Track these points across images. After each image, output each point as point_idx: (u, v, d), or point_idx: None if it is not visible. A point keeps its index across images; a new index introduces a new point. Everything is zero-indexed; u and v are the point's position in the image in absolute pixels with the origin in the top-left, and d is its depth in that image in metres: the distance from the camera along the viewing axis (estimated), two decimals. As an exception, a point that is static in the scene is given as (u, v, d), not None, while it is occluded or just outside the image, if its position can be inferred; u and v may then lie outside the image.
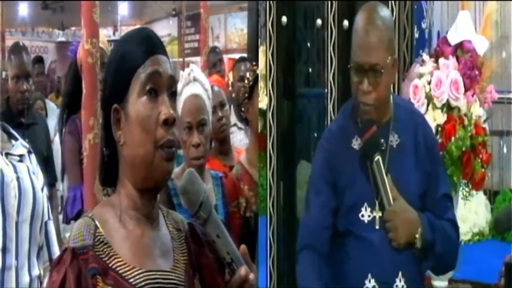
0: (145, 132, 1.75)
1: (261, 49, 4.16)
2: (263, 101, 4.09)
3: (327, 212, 2.78)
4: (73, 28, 18.68)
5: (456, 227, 2.83)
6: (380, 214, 2.71)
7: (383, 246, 2.70)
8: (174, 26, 16.62)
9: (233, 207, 3.31)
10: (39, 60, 8.29)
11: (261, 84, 4.09)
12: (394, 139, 2.78)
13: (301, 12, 4.08)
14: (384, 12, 2.74)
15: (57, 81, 10.18)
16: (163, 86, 1.78)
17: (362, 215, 2.73)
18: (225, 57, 12.65)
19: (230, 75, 9.45)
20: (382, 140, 2.74)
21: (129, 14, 18.25)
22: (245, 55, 9.06)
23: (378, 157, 2.69)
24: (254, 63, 3.69)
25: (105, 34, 3.64)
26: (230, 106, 4.73)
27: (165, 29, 16.75)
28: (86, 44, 3.72)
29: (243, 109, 3.58)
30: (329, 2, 3.83)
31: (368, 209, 2.73)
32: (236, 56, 11.00)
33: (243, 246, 1.82)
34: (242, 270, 1.76)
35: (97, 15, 3.73)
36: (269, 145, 3.98)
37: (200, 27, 8.08)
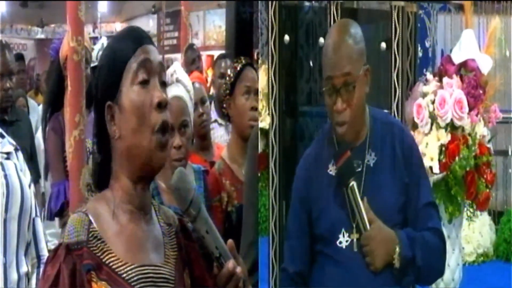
0: (141, 119, 1.80)
1: (263, 68, 4.13)
2: (265, 120, 4.07)
3: (304, 243, 2.78)
4: (52, 25, 18.57)
5: (439, 234, 2.77)
6: (357, 236, 2.67)
7: (362, 269, 2.66)
8: (153, 23, 16.61)
9: (215, 201, 3.37)
10: (19, 57, 8.26)
11: (263, 102, 4.05)
12: (370, 158, 2.73)
13: (303, 30, 4.05)
14: (354, 27, 2.73)
15: (36, 78, 10.15)
16: (154, 73, 1.83)
17: (340, 242, 2.68)
18: (204, 54, 12.67)
19: (209, 72, 9.46)
20: (360, 162, 2.71)
21: (108, 11, 18.15)
22: (223, 51, 9.08)
23: (353, 183, 2.65)
24: (235, 59, 3.70)
25: (85, 32, 3.71)
26: (210, 103, 4.79)
27: (144, 26, 16.72)
28: (71, 42, 3.72)
29: (224, 105, 3.60)
30: (332, 20, 3.80)
31: (346, 234, 2.68)
32: (215, 53, 10.99)
33: (230, 241, 1.89)
34: (230, 263, 1.84)
35: (83, 13, 3.74)
36: (271, 164, 3.97)
37: (180, 24, 8.09)
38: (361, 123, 2.73)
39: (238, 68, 3.54)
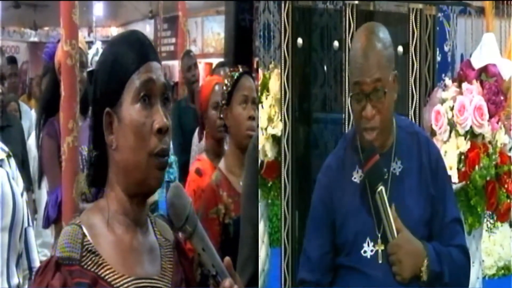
0: (139, 139, 1.78)
1: (276, 72, 4.10)
2: (277, 127, 4.02)
3: (325, 252, 2.74)
4: (46, 28, 18.58)
5: (465, 253, 2.75)
6: (382, 247, 2.63)
7: (388, 281, 2.62)
8: (150, 28, 16.55)
9: (212, 213, 3.35)
10: (12, 60, 8.14)
11: (275, 108, 4.00)
12: (396, 166, 2.70)
13: (317, 33, 3.99)
14: (382, 31, 2.69)
15: (29, 82, 10.02)
16: (157, 93, 1.81)
17: (365, 251, 2.65)
18: (202, 62, 12.60)
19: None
20: (385, 170, 2.66)
21: (104, 15, 18.14)
22: (222, 59, 9.04)
23: (381, 188, 2.61)
24: (232, 68, 3.67)
25: (80, 34, 3.69)
26: None
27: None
28: (65, 46, 3.68)
29: (221, 115, 3.56)
30: (347, 23, 3.71)
31: (371, 244, 2.65)
32: (213, 60, 10.97)
33: (227, 259, 1.87)
34: (227, 282, 1.82)
35: (77, 16, 3.70)
36: (283, 173, 3.93)
37: (178, 30, 8.05)
38: (389, 130, 2.69)
39: (235, 77, 3.52)
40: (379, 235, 2.62)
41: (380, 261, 2.62)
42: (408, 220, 2.63)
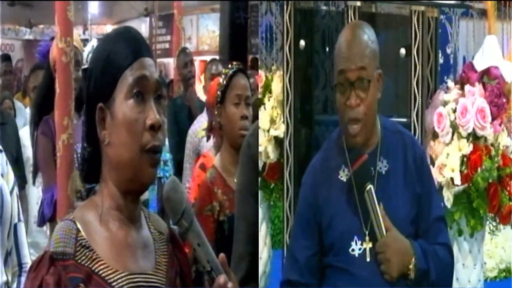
0: (132, 135, 1.78)
1: (278, 74, 4.08)
2: (279, 128, 4.00)
3: (312, 253, 2.73)
4: (41, 26, 18.52)
5: (449, 250, 2.76)
6: (370, 245, 2.63)
7: (376, 279, 2.62)
8: (145, 26, 16.53)
9: (207, 211, 3.36)
10: (6, 58, 8.13)
11: (278, 110, 3.99)
12: (382, 165, 2.70)
13: (319, 35, 3.97)
14: (368, 28, 2.71)
15: (23, 80, 10.01)
16: (150, 90, 1.81)
17: (353, 250, 2.64)
18: (197, 59, 12.60)
19: (202, 78, 9.46)
20: (372, 169, 2.67)
21: (99, 13, 18.03)
22: (217, 57, 9.04)
23: (370, 186, 2.61)
24: (225, 66, 3.68)
25: (76, 32, 3.68)
26: (203, 109, 4.95)
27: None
28: (60, 43, 3.67)
29: (216, 113, 3.57)
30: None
31: (358, 242, 2.64)
32: (208, 58, 11.00)
33: (222, 255, 1.88)
34: (221, 278, 1.83)
35: (72, 14, 3.70)
36: (286, 174, 3.91)
37: (173, 27, 8.04)
38: (372, 128, 2.68)
39: (229, 75, 3.51)
40: (367, 232, 2.63)
41: (368, 259, 2.62)
42: (395, 218, 2.63)
